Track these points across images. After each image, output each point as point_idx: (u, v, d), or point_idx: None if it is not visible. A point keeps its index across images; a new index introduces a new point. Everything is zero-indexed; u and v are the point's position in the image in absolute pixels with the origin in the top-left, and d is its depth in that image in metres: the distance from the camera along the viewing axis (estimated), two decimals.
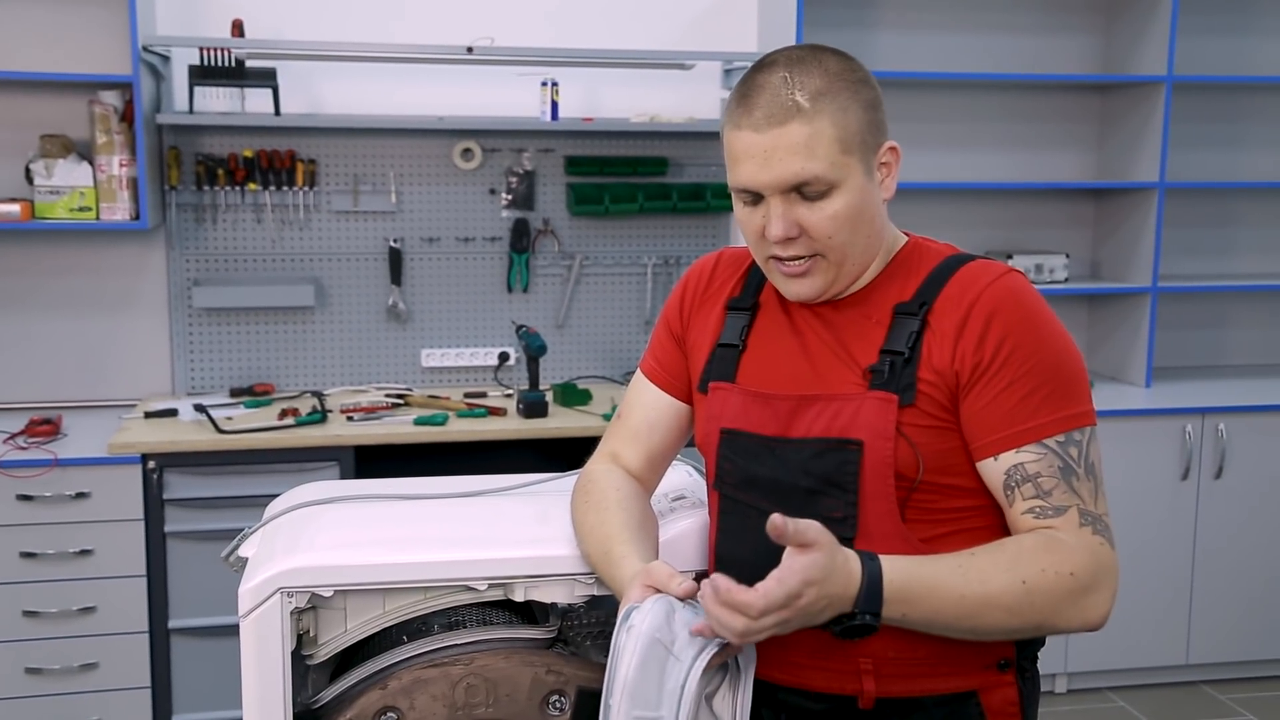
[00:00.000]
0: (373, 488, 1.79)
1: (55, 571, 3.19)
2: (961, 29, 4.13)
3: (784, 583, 1.22)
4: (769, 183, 1.39)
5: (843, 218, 1.40)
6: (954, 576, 1.31)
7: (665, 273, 4.04)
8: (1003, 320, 1.39)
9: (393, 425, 3.40)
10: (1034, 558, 1.33)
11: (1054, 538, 1.35)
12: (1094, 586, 1.34)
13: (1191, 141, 4.26)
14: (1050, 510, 1.36)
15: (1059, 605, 1.33)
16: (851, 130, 1.39)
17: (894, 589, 1.28)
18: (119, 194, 3.45)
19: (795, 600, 1.23)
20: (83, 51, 3.53)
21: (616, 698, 1.28)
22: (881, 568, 1.28)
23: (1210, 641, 3.88)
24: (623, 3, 3.93)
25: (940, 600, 1.31)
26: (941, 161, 4.13)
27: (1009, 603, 1.31)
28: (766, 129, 1.38)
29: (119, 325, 3.72)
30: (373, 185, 3.82)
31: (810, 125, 1.37)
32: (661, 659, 1.28)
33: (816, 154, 1.37)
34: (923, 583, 1.30)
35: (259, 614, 1.44)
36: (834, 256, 1.43)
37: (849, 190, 1.40)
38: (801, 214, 1.40)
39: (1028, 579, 1.31)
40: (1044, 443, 1.37)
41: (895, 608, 1.29)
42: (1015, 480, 1.38)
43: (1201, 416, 3.79)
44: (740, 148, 1.41)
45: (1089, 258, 4.37)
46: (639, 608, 1.31)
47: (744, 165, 1.41)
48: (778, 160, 1.38)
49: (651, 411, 1.65)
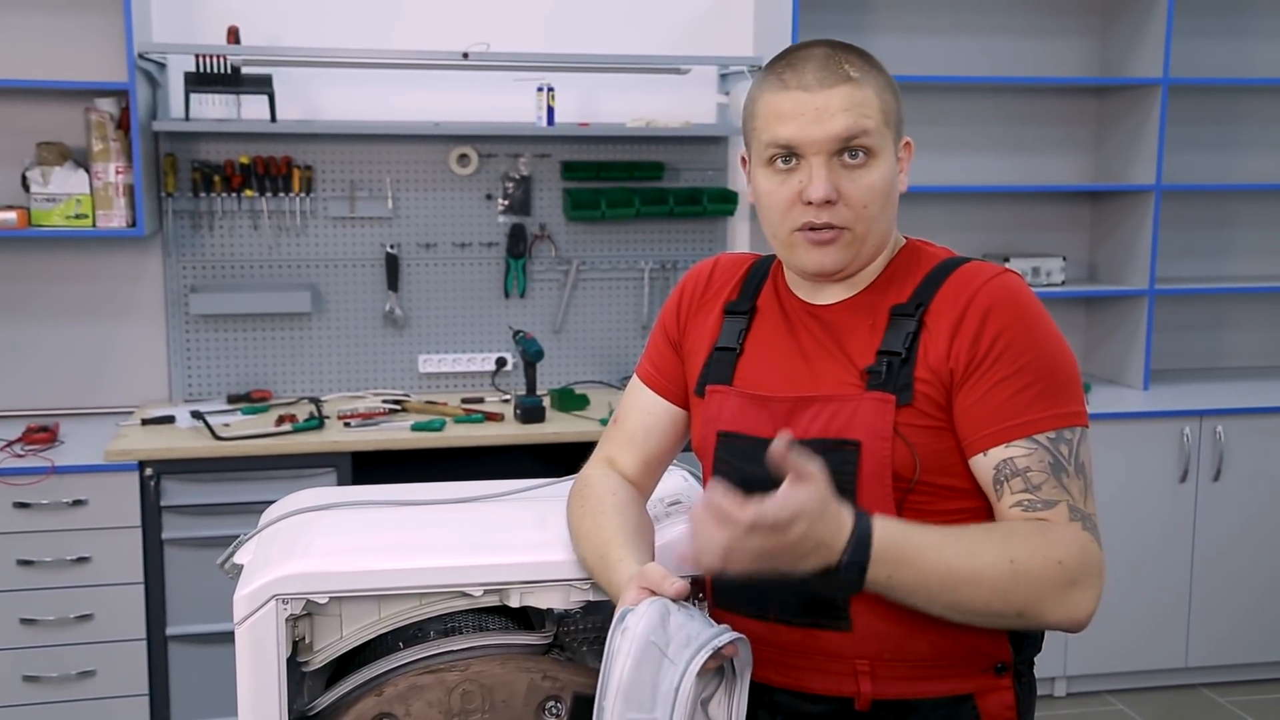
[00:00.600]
0: (368, 494, 1.79)
1: (53, 579, 3.18)
2: (957, 32, 4.13)
3: (778, 506, 1.21)
4: (820, 137, 1.41)
5: (878, 189, 1.43)
6: (945, 544, 1.31)
7: (662, 277, 4.04)
8: (997, 317, 1.40)
9: (390, 431, 3.40)
10: (1025, 540, 1.32)
11: (1046, 525, 1.35)
12: (1081, 581, 1.33)
13: (1188, 144, 4.26)
14: (1040, 504, 1.36)
15: (1044, 592, 1.31)
16: (890, 106, 1.46)
17: (883, 547, 1.27)
18: (115, 201, 3.45)
19: (784, 530, 1.22)
20: (79, 59, 3.54)
21: (610, 700, 1.28)
22: (873, 524, 1.28)
23: (1209, 644, 3.87)
24: (618, 8, 3.93)
25: (927, 567, 1.29)
26: (938, 164, 4.13)
27: (994, 580, 1.30)
28: (818, 89, 1.41)
29: (116, 332, 3.72)
30: (369, 191, 3.82)
31: (861, 90, 1.42)
32: (656, 661, 1.28)
33: (867, 114, 1.42)
34: (912, 545, 1.29)
35: (254, 621, 1.43)
36: (860, 229, 1.44)
37: (884, 163, 1.44)
38: (841, 179, 1.42)
39: (1016, 559, 1.30)
40: (1034, 438, 1.37)
41: (881, 568, 1.27)
42: (1005, 474, 1.37)
43: (1200, 419, 3.79)
44: (788, 107, 1.42)
45: (1086, 260, 4.37)
46: (634, 610, 1.31)
47: (791, 122, 1.42)
48: (829, 116, 1.41)
49: (648, 416, 1.65)
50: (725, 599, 1.53)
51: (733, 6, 4.00)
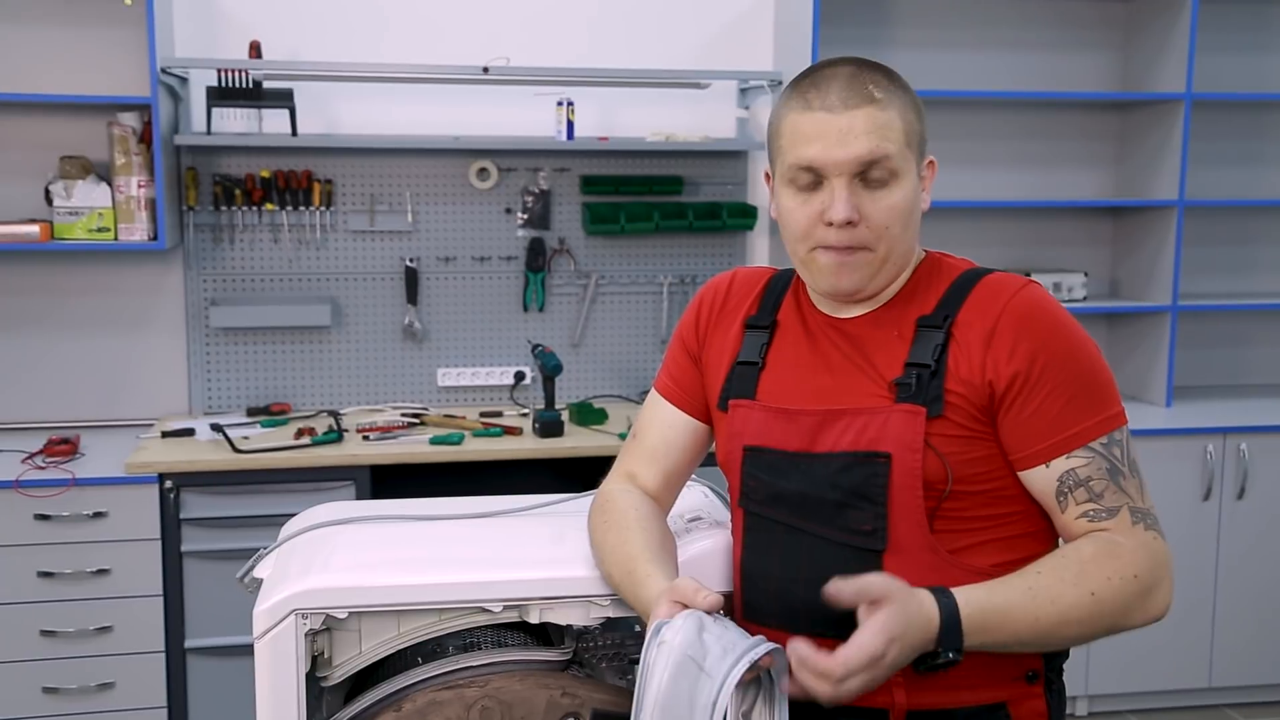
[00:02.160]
0: (387, 508, 1.78)
1: (72, 591, 3.19)
2: (978, 47, 4.12)
3: (864, 647, 1.26)
4: (843, 159, 1.41)
5: (899, 210, 1.43)
6: (1026, 600, 1.34)
7: (681, 291, 4.04)
8: (1032, 332, 1.41)
9: (409, 445, 3.40)
10: (1098, 567, 1.36)
11: (1112, 542, 1.38)
12: (1156, 584, 1.39)
13: (1211, 159, 4.24)
14: (1104, 512, 1.40)
15: (1128, 609, 1.37)
16: (913, 128, 1.46)
17: (971, 623, 1.32)
18: (137, 214, 3.46)
19: (879, 660, 1.26)
20: (102, 73, 3.56)
21: (647, 714, 1.27)
22: (958, 606, 1.32)
23: (1233, 664, 3.84)
24: (638, 22, 3.94)
25: (1016, 625, 1.34)
26: (959, 180, 4.12)
27: (1082, 616, 1.35)
28: (843, 110, 1.41)
29: (137, 345, 3.74)
30: (389, 205, 3.83)
31: (884, 112, 1.42)
32: (693, 675, 1.27)
33: (890, 137, 1.42)
34: (997, 611, 1.33)
35: (273, 636, 1.43)
36: (881, 250, 1.44)
37: (907, 184, 1.44)
38: (863, 200, 1.42)
39: (1096, 590, 1.35)
40: (1090, 446, 1.41)
41: (974, 639, 1.33)
42: (1068, 486, 1.41)
43: (1223, 436, 3.76)
44: (811, 128, 1.42)
45: (1108, 276, 4.35)
46: (669, 623, 1.30)
47: (815, 144, 1.42)
48: (854, 138, 1.41)
49: (669, 430, 1.65)
50: (755, 612, 1.52)
51: (753, 21, 4.00)
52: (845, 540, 1.43)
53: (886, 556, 1.41)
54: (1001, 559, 1.42)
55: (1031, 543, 1.45)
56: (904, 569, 1.39)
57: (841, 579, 1.28)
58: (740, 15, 4.00)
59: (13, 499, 3.13)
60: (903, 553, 1.41)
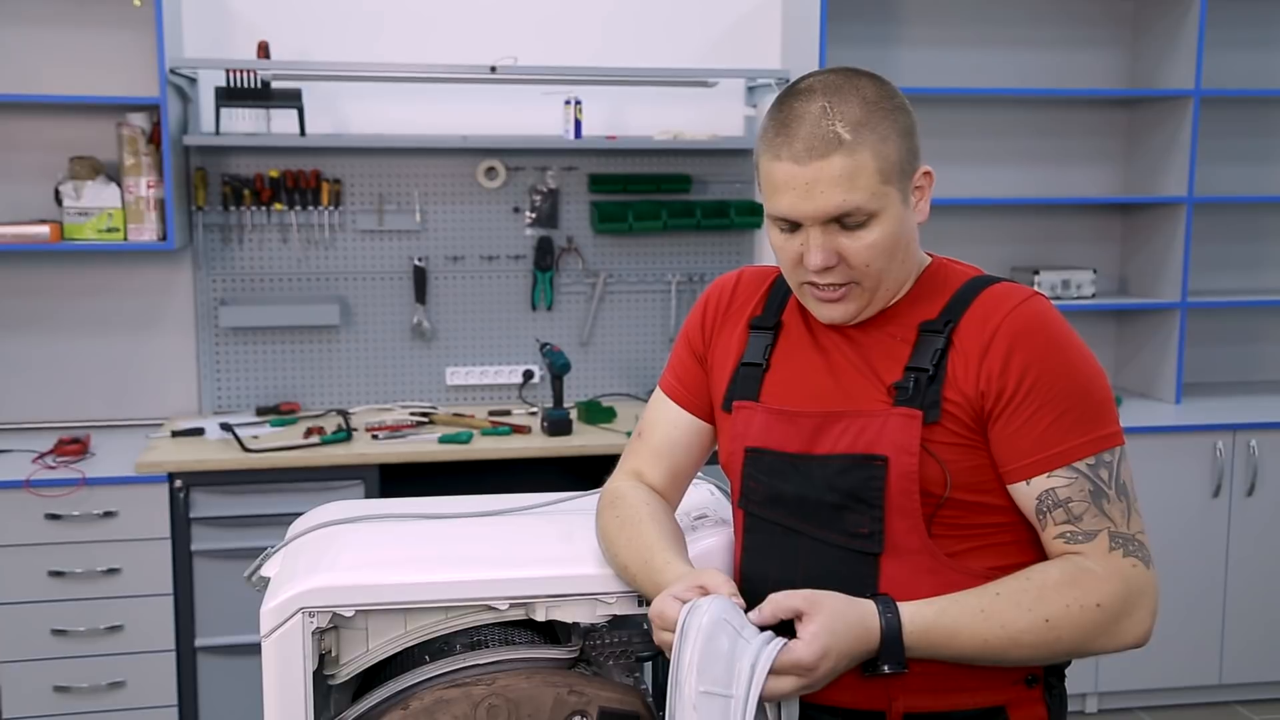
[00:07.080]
0: (394, 507, 1.79)
1: (83, 590, 3.20)
2: (986, 44, 4.11)
3: (790, 651, 1.29)
4: (810, 213, 1.39)
5: (880, 246, 1.41)
6: (977, 621, 1.35)
7: (689, 290, 4.04)
8: (1025, 346, 1.39)
9: (417, 444, 3.40)
10: (1058, 593, 1.35)
11: (1081, 568, 1.37)
12: (1126, 612, 1.37)
13: (1220, 155, 4.23)
14: (1080, 535, 1.38)
15: (1088, 636, 1.36)
16: (891, 160, 1.39)
17: (914, 640, 1.34)
18: (146, 215, 3.47)
19: (810, 670, 1.29)
20: (111, 74, 3.57)
21: (685, 673, 1.28)
22: (900, 620, 1.33)
23: (1243, 661, 3.83)
24: (646, 21, 3.94)
25: (963, 645, 1.35)
26: (967, 177, 4.11)
27: (1034, 640, 1.35)
28: (808, 161, 1.37)
29: (146, 345, 3.75)
30: (397, 204, 3.83)
31: (852, 158, 1.37)
32: (731, 635, 1.29)
33: (857, 185, 1.37)
34: (944, 630, 1.35)
35: (281, 634, 1.44)
36: (869, 283, 1.44)
37: (887, 219, 1.40)
38: (841, 243, 1.40)
39: (1051, 617, 1.35)
40: (1074, 466, 1.38)
41: (918, 654, 1.35)
42: (1047, 505, 1.39)
43: (1233, 433, 3.75)
44: (781, 178, 1.40)
45: (1117, 273, 4.33)
46: (701, 600, 1.32)
47: (784, 196, 1.40)
48: (819, 192, 1.38)
49: (673, 429, 1.65)
50: None
51: (760, 19, 4.00)
52: (843, 543, 1.43)
53: (884, 559, 1.41)
54: (999, 563, 1.42)
55: (1029, 549, 1.44)
56: (901, 571, 1.40)
57: (760, 615, 1.32)
58: (748, 13, 4.00)
59: (23, 499, 3.14)
60: (900, 555, 1.40)
